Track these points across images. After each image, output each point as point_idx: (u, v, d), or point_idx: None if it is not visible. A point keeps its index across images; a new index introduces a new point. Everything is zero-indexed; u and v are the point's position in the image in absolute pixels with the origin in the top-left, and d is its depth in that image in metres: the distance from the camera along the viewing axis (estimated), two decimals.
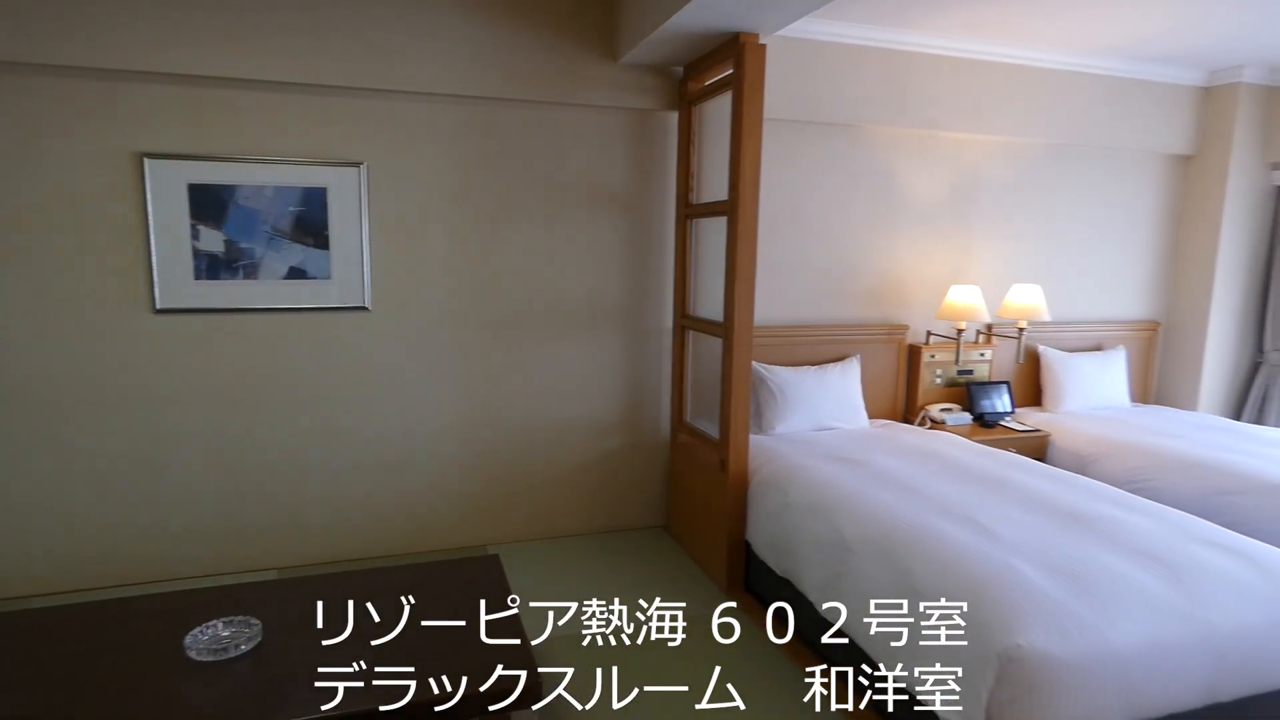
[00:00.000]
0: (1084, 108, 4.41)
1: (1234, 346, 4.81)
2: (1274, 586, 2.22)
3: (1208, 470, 3.36)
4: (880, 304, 4.30)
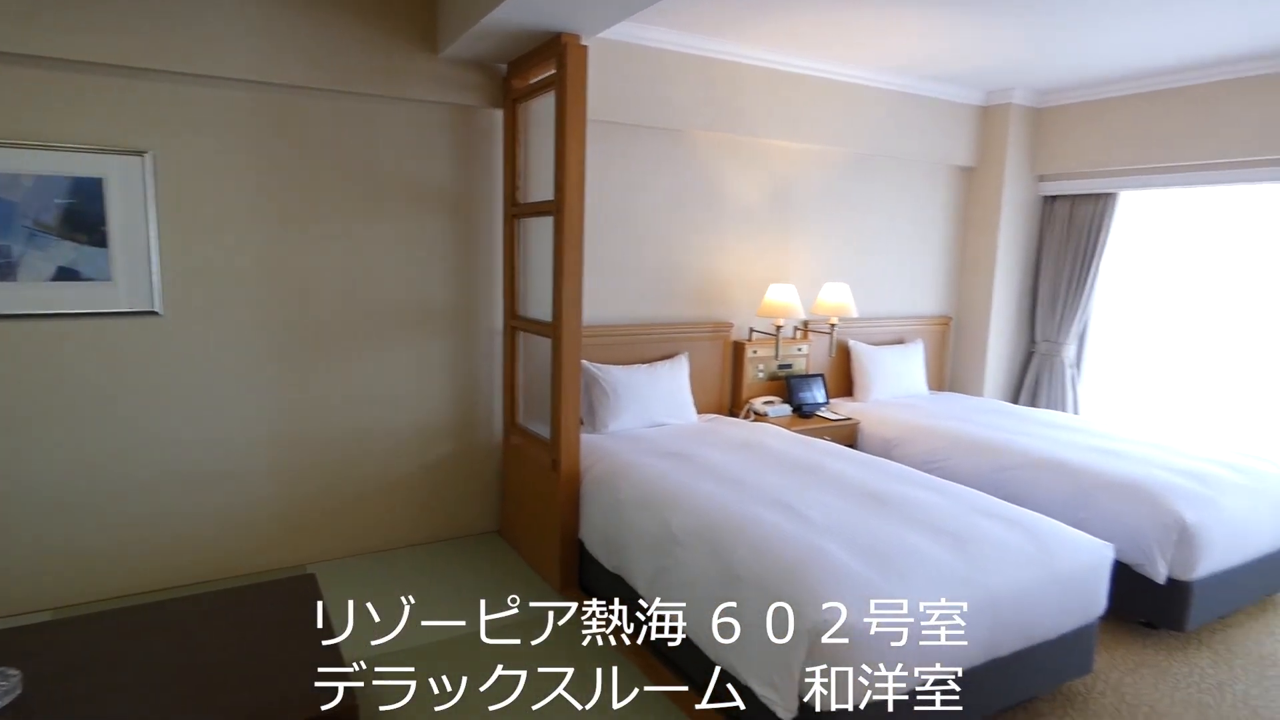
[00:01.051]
0: (883, 121, 4.80)
1: (1011, 338, 5.42)
2: (1041, 550, 2.52)
3: (991, 449, 3.75)
4: (707, 303, 4.45)
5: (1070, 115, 5.02)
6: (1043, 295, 5.32)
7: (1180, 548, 2.92)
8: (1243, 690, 2.74)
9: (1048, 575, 2.44)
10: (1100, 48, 4.00)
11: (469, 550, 3.77)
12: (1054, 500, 3.30)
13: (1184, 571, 2.93)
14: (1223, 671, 2.86)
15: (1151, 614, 3.06)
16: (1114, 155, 4.79)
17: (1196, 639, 3.10)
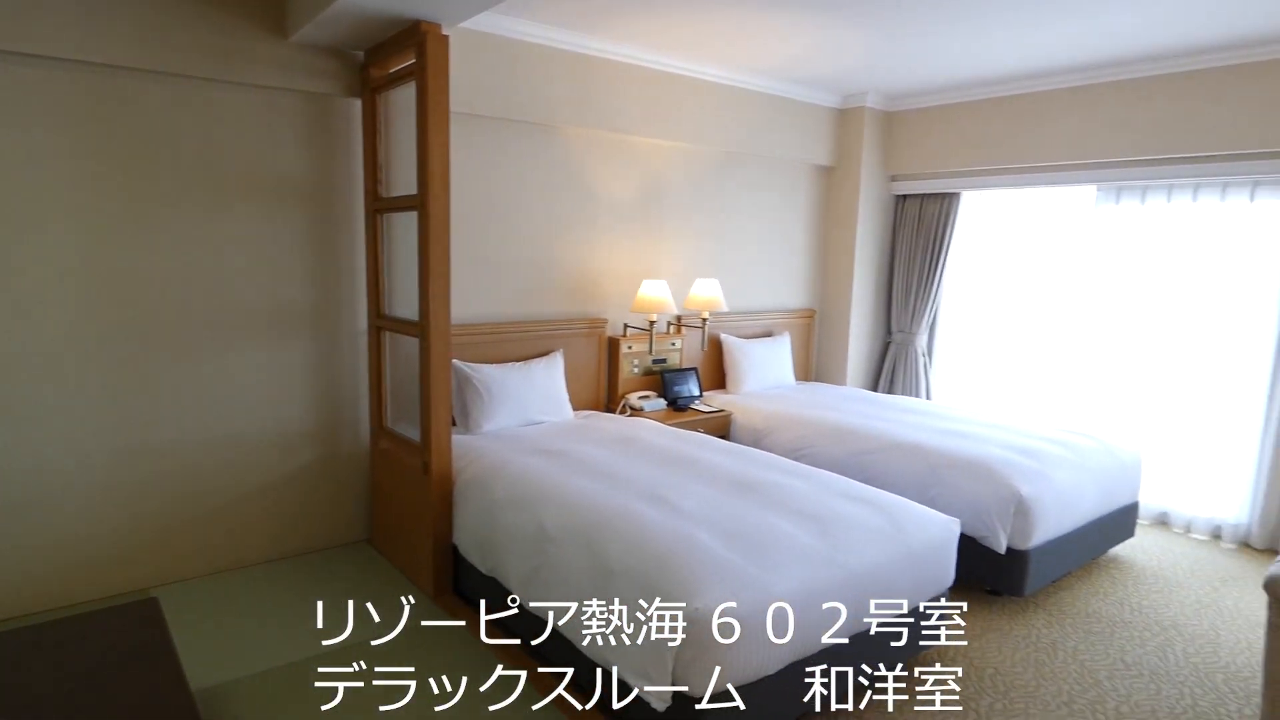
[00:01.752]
0: (749, 121, 4.95)
1: (870, 329, 5.74)
2: (895, 528, 2.67)
3: (852, 435, 3.95)
4: (581, 299, 4.44)
5: (918, 119, 5.36)
6: (897, 289, 5.66)
7: (1018, 519, 3.19)
8: (1073, 646, 3.02)
9: (902, 551, 2.59)
10: (943, 57, 4.29)
11: (337, 561, 3.59)
12: (908, 480, 3.51)
13: (1021, 541, 3.19)
14: (1055, 631, 3.14)
15: (995, 582, 3.31)
16: (956, 157, 5.16)
17: (1033, 602, 3.39)
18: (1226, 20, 3.50)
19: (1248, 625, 3.24)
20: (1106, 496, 3.65)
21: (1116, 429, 4.63)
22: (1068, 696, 2.67)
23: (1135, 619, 3.26)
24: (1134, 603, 3.42)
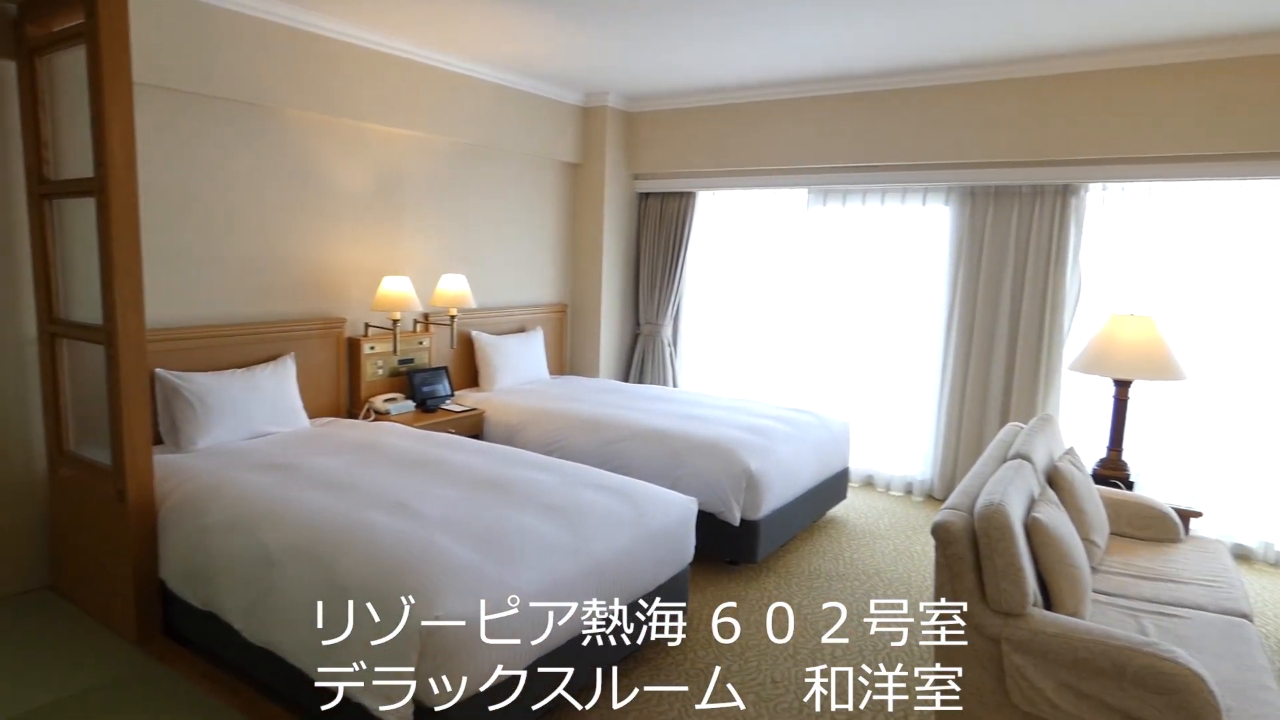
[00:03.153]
0: (491, 113, 4.87)
1: (620, 322, 5.94)
2: (638, 512, 2.78)
3: (603, 425, 4.05)
4: (315, 297, 4.10)
5: (657, 120, 5.63)
6: (643, 282, 5.91)
7: (749, 493, 3.47)
8: (799, 602, 3.35)
9: (645, 534, 2.70)
10: (676, 65, 4.54)
11: (10, 615, 2.98)
12: (654, 465, 3.68)
13: (752, 512, 3.48)
14: (784, 590, 3.47)
15: (732, 552, 3.58)
16: (691, 159, 5.49)
17: (765, 567, 3.71)
18: (909, 49, 4.07)
19: (930, 565, 3.81)
20: (823, 465, 4.10)
21: (829, 404, 5.23)
22: (793, 648, 2.96)
23: (847, 571, 3.70)
24: (847, 557, 3.88)
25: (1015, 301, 4.52)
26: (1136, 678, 1.86)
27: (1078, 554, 2.29)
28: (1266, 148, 3.71)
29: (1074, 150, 4.18)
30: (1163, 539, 3.11)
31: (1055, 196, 4.34)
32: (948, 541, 2.11)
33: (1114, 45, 3.87)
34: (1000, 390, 4.58)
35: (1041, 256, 4.40)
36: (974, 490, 2.38)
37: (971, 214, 4.62)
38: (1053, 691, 1.96)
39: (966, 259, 4.64)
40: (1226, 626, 2.34)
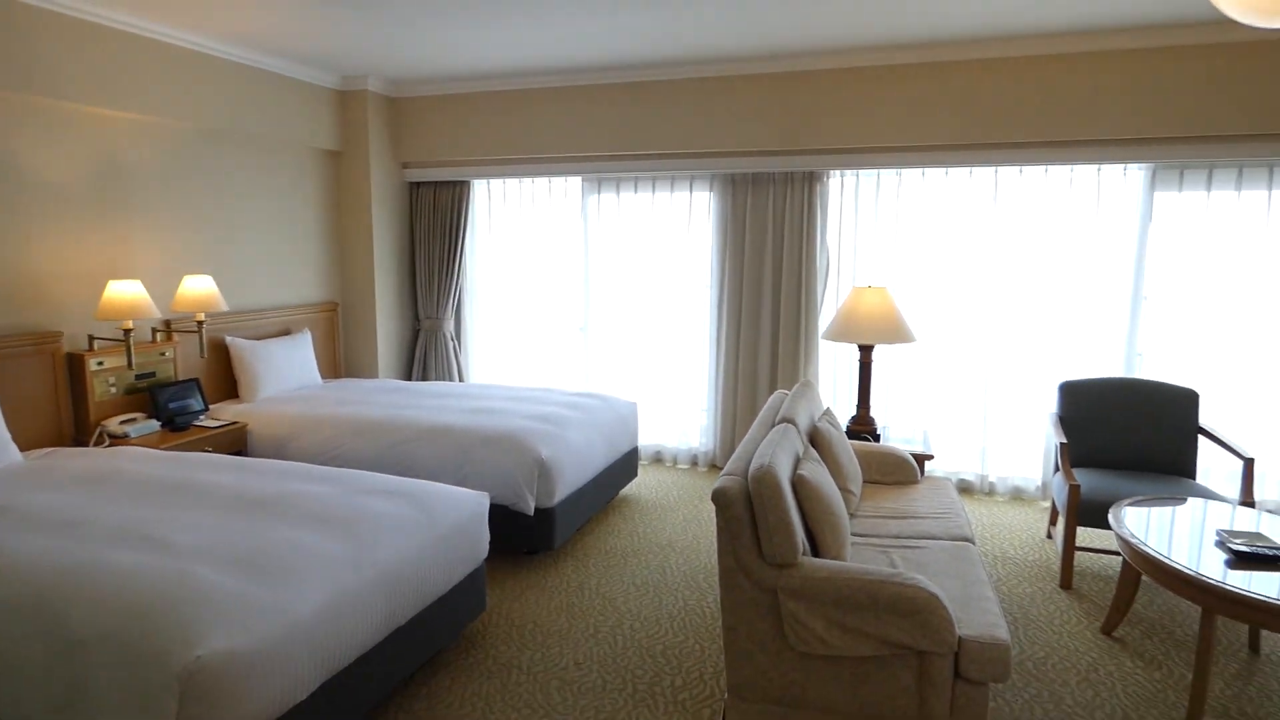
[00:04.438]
0: (235, 96, 4.40)
1: (398, 318, 5.67)
2: (426, 514, 2.67)
3: (384, 427, 3.85)
4: (16, 309, 3.48)
5: (424, 107, 5.40)
6: (421, 275, 5.68)
7: (541, 481, 3.46)
8: (596, 583, 3.42)
9: (434, 536, 2.60)
10: (437, 49, 4.37)
11: None
12: (442, 464, 3.56)
13: (547, 500, 3.49)
14: (583, 573, 3.52)
15: (529, 542, 3.56)
16: (464, 146, 5.34)
17: (564, 552, 3.74)
18: (668, 43, 4.23)
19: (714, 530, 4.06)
20: (613, 447, 4.20)
21: (617, 387, 5.38)
22: (594, 628, 3.01)
23: (642, 546, 3.84)
24: (640, 532, 4.02)
25: (775, 279, 4.91)
26: (888, 606, 2.10)
27: (838, 504, 2.54)
28: (961, 140, 4.33)
29: (816, 141, 4.60)
30: (905, 481, 3.55)
31: (803, 183, 4.76)
32: (726, 505, 2.25)
33: (843, 46, 4.30)
34: (768, 361, 4.96)
35: (795, 237, 4.82)
36: (747, 456, 2.55)
37: (733, 200, 4.94)
38: (823, 629, 2.16)
39: (731, 242, 4.96)
40: (955, 550, 2.72)
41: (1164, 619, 3.13)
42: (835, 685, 2.20)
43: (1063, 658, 2.84)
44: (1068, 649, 2.90)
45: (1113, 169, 4.34)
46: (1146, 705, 2.55)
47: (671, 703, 2.54)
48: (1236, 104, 3.91)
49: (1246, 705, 2.55)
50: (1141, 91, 4.03)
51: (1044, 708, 2.52)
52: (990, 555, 3.79)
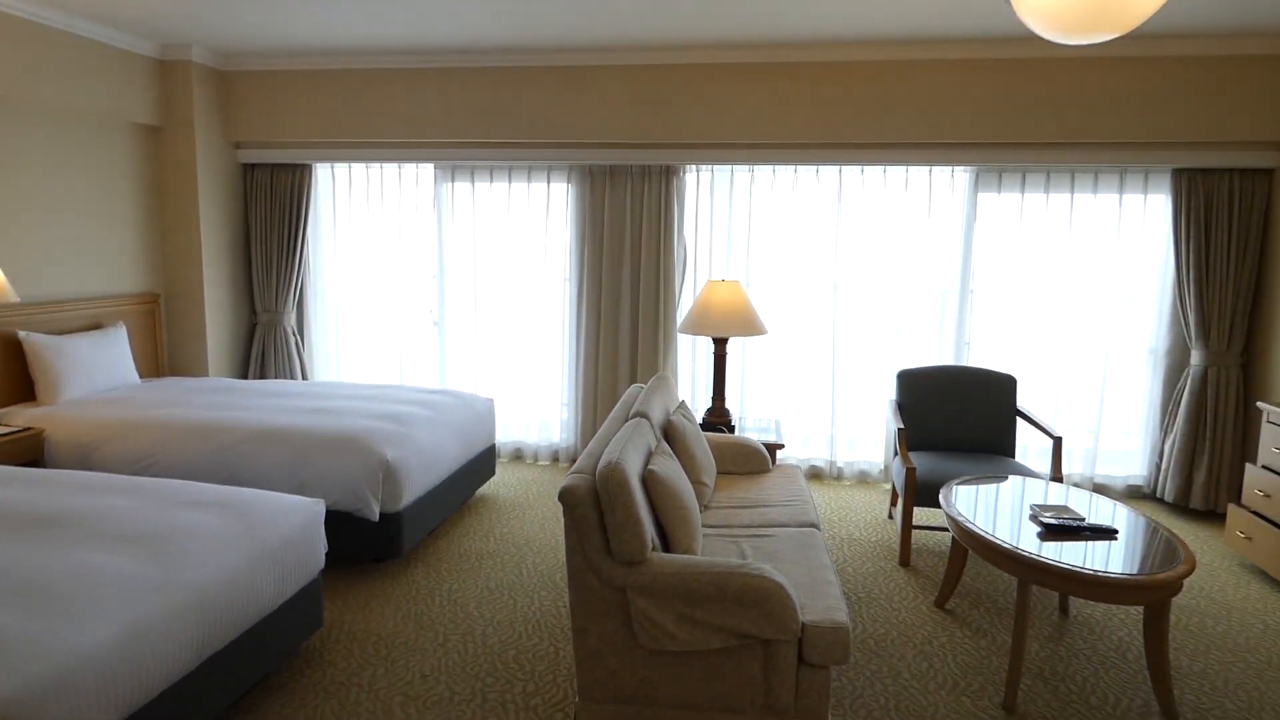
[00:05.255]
0: (30, 59, 3.87)
1: (231, 311, 5.22)
2: (249, 527, 2.43)
3: (211, 430, 3.51)
4: None
5: (259, 82, 4.98)
6: (257, 265, 5.25)
7: (387, 485, 3.27)
8: (448, 589, 3.27)
9: (258, 550, 2.38)
10: (268, 19, 4.02)
11: None
12: (276, 470, 3.29)
13: (393, 504, 3.29)
14: (433, 579, 3.36)
15: (375, 550, 3.35)
16: (305, 128, 4.97)
17: (413, 558, 3.56)
18: (518, 28, 4.09)
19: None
20: (468, 445, 4.04)
21: (474, 382, 5.21)
22: (443, 637, 2.87)
23: (498, 547, 3.72)
24: (497, 533, 3.89)
25: (634, 272, 4.90)
26: (736, 596, 2.11)
27: (689, 498, 2.54)
28: (808, 139, 4.48)
29: (673, 135, 4.62)
30: (757, 471, 3.63)
31: (660, 177, 4.77)
32: (573, 504, 2.18)
33: (700, 42, 4.33)
34: (628, 354, 4.95)
35: (652, 230, 4.82)
36: (598, 452, 2.50)
37: (591, 192, 4.88)
38: (673, 625, 2.15)
39: (590, 235, 4.91)
40: (801, 536, 2.79)
41: (989, 590, 3.37)
42: (686, 680, 2.19)
43: (900, 633, 2.99)
44: (905, 624, 3.06)
45: (942, 171, 4.63)
46: (974, 672, 2.72)
47: (523, 709, 2.46)
48: (1045, 114, 4.26)
49: (1058, 664, 2.78)
50: (967, 99, 4.32)
51: (883, 683, 2.64)
52: (837, 538, 3.95)
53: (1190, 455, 4.41)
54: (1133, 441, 4.74)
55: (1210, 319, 4.31)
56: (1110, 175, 4.49)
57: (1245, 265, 4.26)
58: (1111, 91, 4.20)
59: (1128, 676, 2.72)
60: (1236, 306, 4.28)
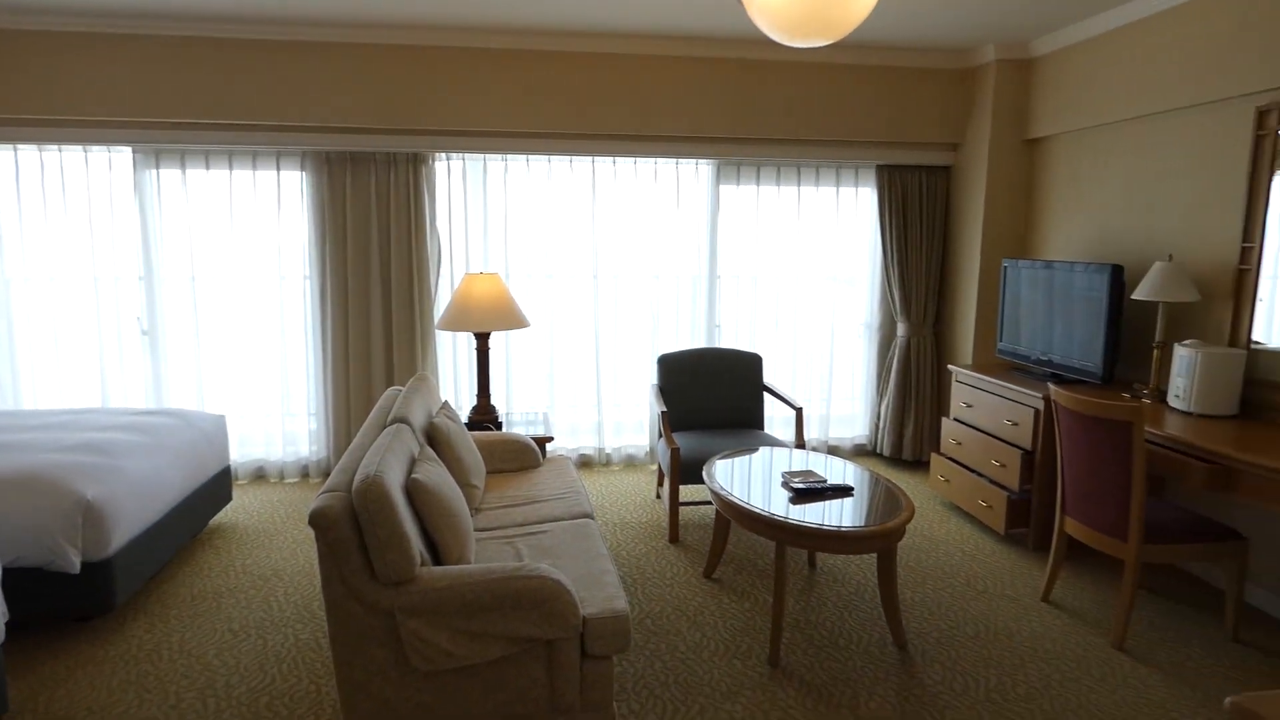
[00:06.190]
0: None
1: None
2: None
3: None
4: None
5: None
6: None
7: (90, 529, 2.73)
8: (179, 640, 2.82)
9: None
10: None
11: None
12: None
13: (99, 551, 2.76)
14: (159, 631, 2.88)
15: (78, 608, 2.80)
16: None
17: (130, 610, 3.04)
18: None
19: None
20: (195, 471, 3.52)
21: (201, 398, 4.58)
22: (175, 698, 2.47)
23: (240, 583, 3.29)
24: (239, 566, 3.45)
25: (385, 267, 4.59)
26: (514, 601, 2.04)
27: (459, 504, 2.41)
28: (560, 129, 4.48)
29: (420, 121, 4.37)
30: (528, 466, 3.57)
31: (407, 165, 4.50)
32: (327, 527, 1.96)
33: (446, 23, 4.12)
34: (382, 355, 4.62)
35: (402, 222, 4.54)
36: (353, 466, 2.29)
37: (330, 181, 4.47)
38: (449, 642, 2.02)
39: (331, 227, 4.50)
40: (576, 528, 2.78)
41: (750, 555, 3.62)
42: (467, 697, 2.08)
43: (675, 608, 3.10)
44: (679, 599, 3.18)
45: (688, 164, 4.86)
46: (741, 634, 2.89)
47: None
48: (775, 112, 4.64)
49: (811, 614, 3.04)
50: (710, 95, 4.57)
51: (663, 660, 2.71)
52: (610, 524, 4.01)
53: (901, 414, 5.09)
54: (856, 406, 5.36)
55: (910, 296, 4.98)
56: (828, 170, 5.01)
57: (934, 249, 4.97)
58: (827, 94, 4.67)
59: (866, 615, 3.05)
60: (929, 285, 4.99)
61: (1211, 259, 3.38)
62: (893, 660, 2.74)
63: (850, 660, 2.73)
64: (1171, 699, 2.51)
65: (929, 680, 2.61)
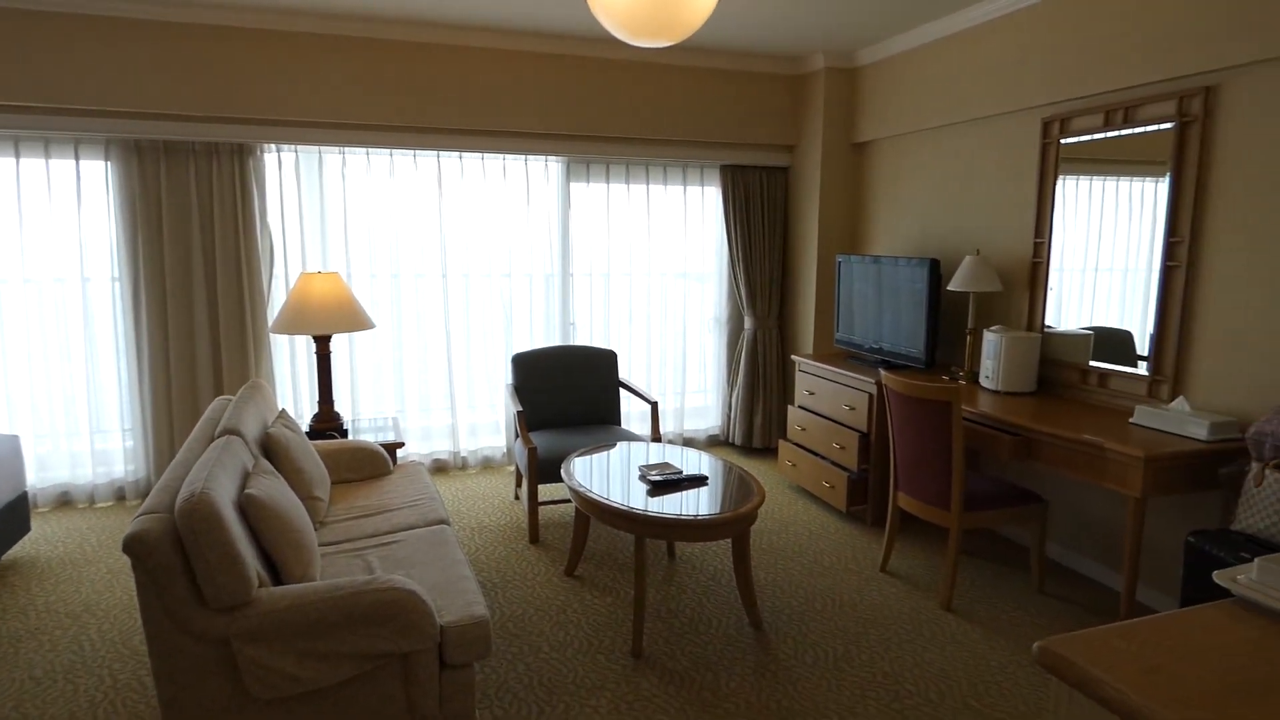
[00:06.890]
0: None
1: None
2: None
3: None
4: None
5: None
6: None
7: None
8: None
9: None
10: None
11: None
12: None
13: None
14: None
15: None
16: None
17: None
18: None
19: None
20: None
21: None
22: None
23: (44, 623, 2.92)
24: (41, 604, 3.06)
25: (210, 266, 4.22)
26: (365, 617, 1.94)
27: (300, 519, 2.26)
28: (400, 121, 4.30)
29: (242, 109, 4.05)
30: (378, 474, 3.41)
31: (232, 156, 4.16)
32: (146, 554, 1.78)
33: (270, 4, 3.83)
34: (209, 362, 4.25)
35: (229, 218, 4.19)
36: (176, 484, 2.09)
37: (141, 172, 4.05)
38: (294, 666, 1.89)
39: (144, 223, 4.08)
40: (431, 536, 2.69)
41: (611, 549, 3.65)
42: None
43: (537, 609, 3.07)
44: (540, 599, 3.15)
45: (537, 161, 4.82)
46: (604, 629, 2.91)
47: None
48: (623, 111, 4.69)
49: (672, 603, 3.11)
50: (557, 92, 4.54)
51: (525, 662, 2.68)
52: (468, 529, 3.91)
53: (750, 404, 5.31)
54: (709, 398, 5.54)
55: (755, 290, 5.20)
56: (676, 169, 5.13)
57: (775, 246, 5.22)
58: (674, 95, 4.78)
59: (724, 599, 3.16)
60: (772, 279, 5.23)
61: (1011, 253, 3.77)
62: (749, 640, 2.85)
63: (710, 644, 2.82)
64: (992, 650, 2.78)
65: (783, 655, 2.74)
